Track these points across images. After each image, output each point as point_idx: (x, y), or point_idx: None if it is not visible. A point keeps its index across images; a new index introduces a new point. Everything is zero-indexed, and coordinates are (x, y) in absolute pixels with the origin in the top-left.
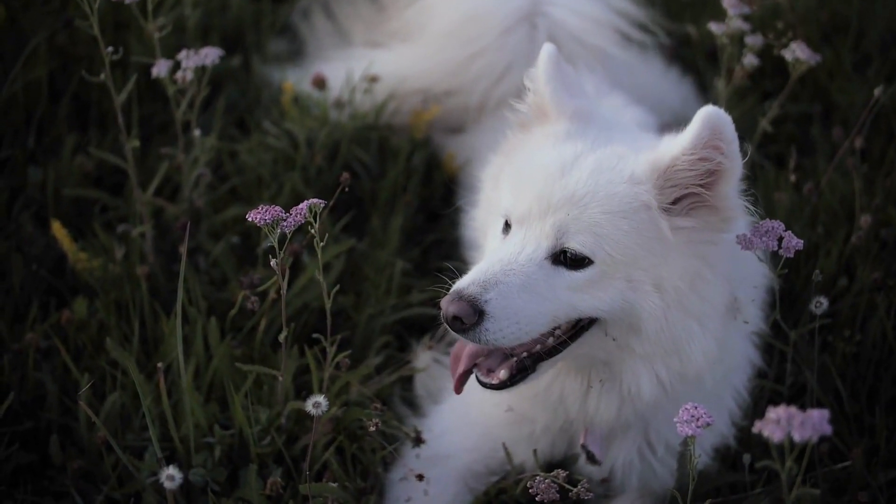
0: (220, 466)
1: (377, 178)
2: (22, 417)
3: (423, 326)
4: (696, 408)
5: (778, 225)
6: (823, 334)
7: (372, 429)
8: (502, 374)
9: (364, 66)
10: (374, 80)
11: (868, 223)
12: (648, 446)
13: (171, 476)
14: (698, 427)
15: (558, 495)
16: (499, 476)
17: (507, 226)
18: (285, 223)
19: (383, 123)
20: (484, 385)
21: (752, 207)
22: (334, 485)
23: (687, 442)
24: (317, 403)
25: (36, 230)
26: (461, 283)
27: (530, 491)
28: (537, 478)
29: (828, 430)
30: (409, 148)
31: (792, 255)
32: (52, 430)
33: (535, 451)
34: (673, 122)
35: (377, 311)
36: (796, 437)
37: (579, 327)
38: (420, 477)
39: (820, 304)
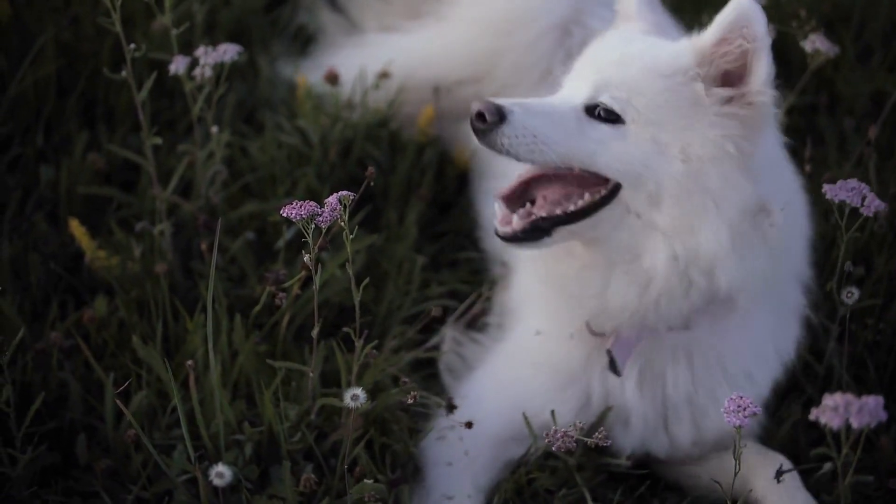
0: (252, 464)
1: (388, 173)
2: (45, 418)
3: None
4: (741, 398)
5: (863, 186)
6: (843, 323)
7: (410, 401)
8: (515, 221)
9: (376, 52)
10: (385, 76)
11: (885, 212)
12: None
13: (220, 473)
14: (745, 417)
15: (575, 444)
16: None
17: None
18: (320, 218)
19: (394, 116)
20: (497, 234)
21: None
22: (371, 482)
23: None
24: (355, 396)
25: (50, 229)
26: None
27: (547, 442)
28: (553, 428)
29: (883, 416)
30: (421, 142)
31: (871, 214)
32: (77, 429)
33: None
34: None
35: (397, 305)
36: (854, 424)
37: (600, 198)
38: (469, 424)
39: (851, 293)
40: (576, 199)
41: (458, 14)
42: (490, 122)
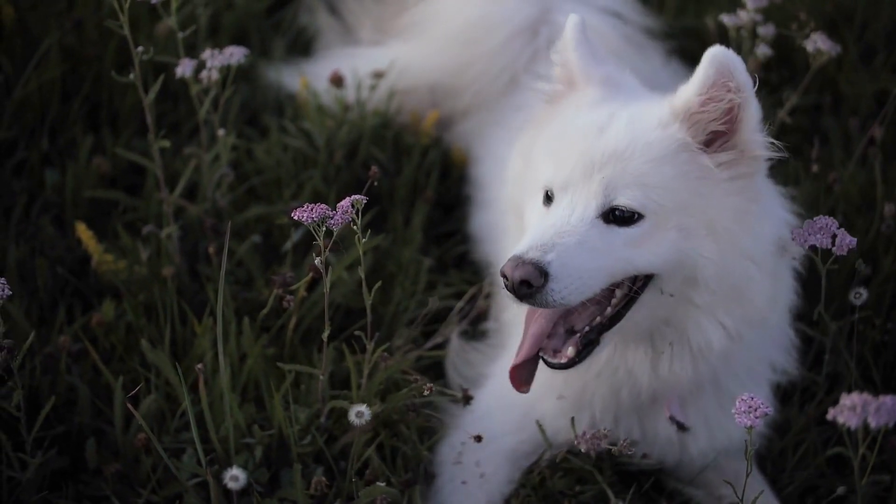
0: (262, 467)
1: (393, 175)
2: (54, 422)
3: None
4: (752, 398)
5: (831, 222)
6: (852, 322)
7: (426, 392)
8: (570, 351)
9: (370, 64)
10: (379, 75)
11: (892, 212)
12: (722, 406)
13: (235, 477)
14: (756, 418)
15: (601, 446)
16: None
17: (548, 198)
18: (332, 221)
19: (395, 119)
20: (553, 366)
21: (776, 143)
22: (383, 484)
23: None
24: (359, 413)
25: (56, 233)
26: (519, 249)
27: (575, 444)
28: (583, 431)
29: None
30: (425, 144)
31: (845, 253)
32: (86, 433)
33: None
34: None
35: (404, 307)
36: (872, 424)
37: (634, 291)
38: (478, 438)
39: (859, 294)
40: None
41: (427, 29)
42: (536, 285)
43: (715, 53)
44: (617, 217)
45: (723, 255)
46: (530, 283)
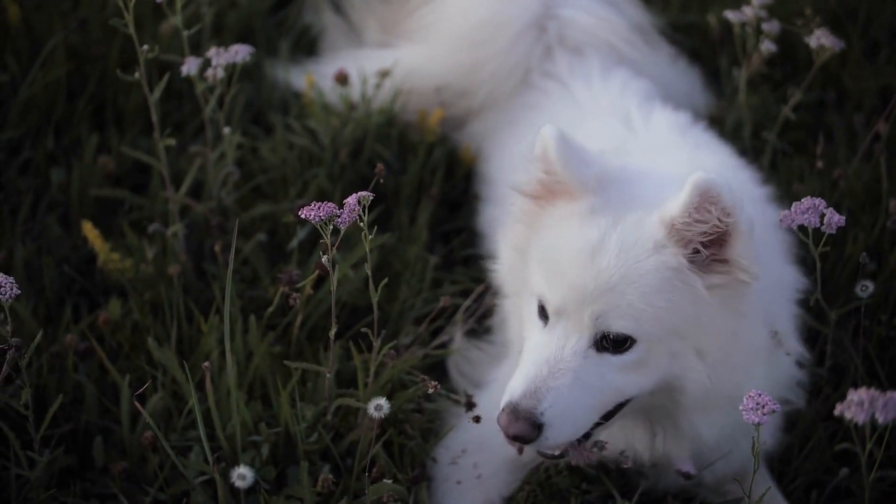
0: (269, 465)
1: (398, 173)
2: (60, 420)
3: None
4: (760, 395)
5: (819, 202)
6: (857, 317)
7: (430, 391)
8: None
9: (376, 64)
10: (385, 74)
11: None
12: (735, 440)
13: (242, 475)
14: (764, 415)
15: (593, 459)
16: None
17: (543, 311)
18: (339, 219)
19: (401, 117)
20: (547, 457)
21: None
22: (389, 481)
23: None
24: (378, 406)
25: (62, 232)
26: (514, 394)
27: (567, 459)
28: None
29: None
30: (430, 142)
31: (834, 231)
32: (93, 432)
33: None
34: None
35: (410, 305)
36: (880, 420)
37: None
38: (477, 419)
39: (866, 287)
40: None
41: (435, 31)
42: (530, 438)
43: (698, 182)
44: (610, 341)
45: (712, 376)
46: (525, 439)
